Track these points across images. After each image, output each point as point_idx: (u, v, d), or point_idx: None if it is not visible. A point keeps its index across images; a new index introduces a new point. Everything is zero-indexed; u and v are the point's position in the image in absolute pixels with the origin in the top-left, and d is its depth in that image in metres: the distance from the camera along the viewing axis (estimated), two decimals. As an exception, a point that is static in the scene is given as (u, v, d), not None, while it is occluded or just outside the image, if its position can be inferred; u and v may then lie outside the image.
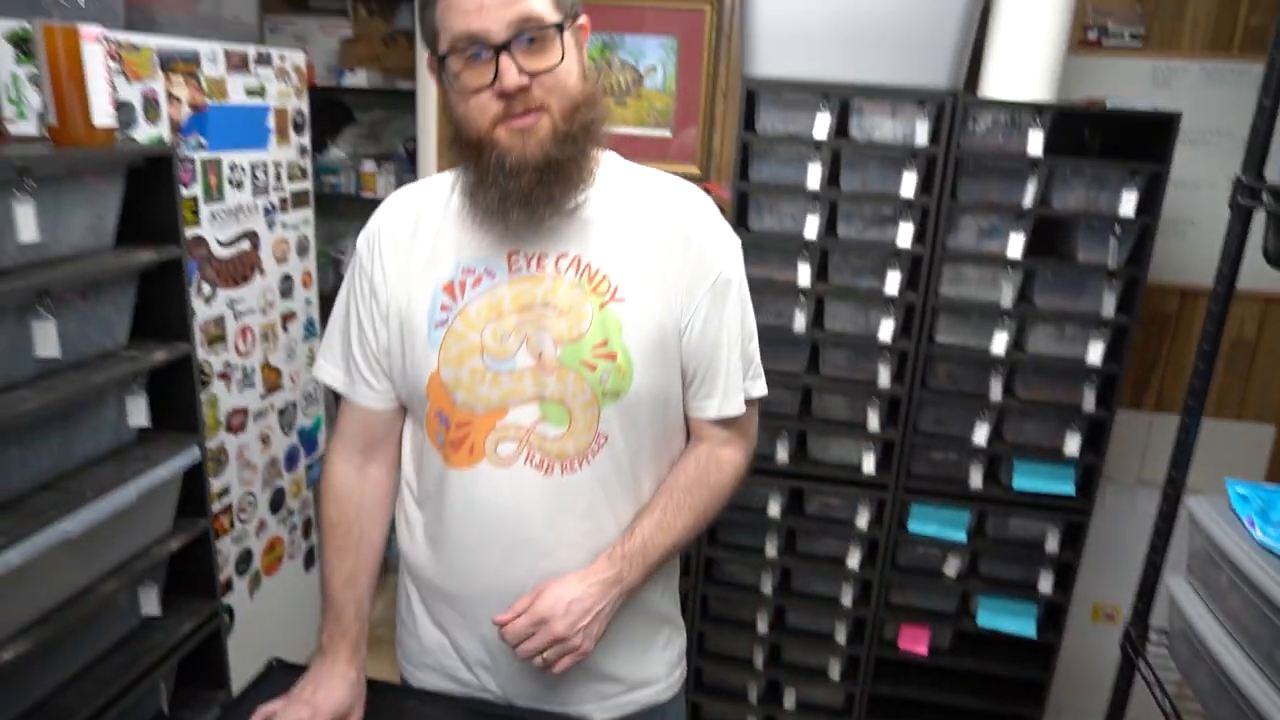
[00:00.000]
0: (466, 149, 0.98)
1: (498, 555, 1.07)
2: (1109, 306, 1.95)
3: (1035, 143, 1.90)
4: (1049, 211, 1.96)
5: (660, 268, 1.03)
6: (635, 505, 1.09)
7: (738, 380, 1.11)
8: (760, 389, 1.16)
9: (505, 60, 0.91)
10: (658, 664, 1.19)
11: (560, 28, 0.94)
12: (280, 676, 1.19)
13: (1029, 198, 1.93)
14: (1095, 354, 1.96)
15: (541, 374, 1.02)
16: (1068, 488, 2.05)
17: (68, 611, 1.43)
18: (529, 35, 0.92)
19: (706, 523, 1.14)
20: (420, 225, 1.08)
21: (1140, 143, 1.95)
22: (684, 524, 1.09)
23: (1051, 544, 2.08)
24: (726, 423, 1.13)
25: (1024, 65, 1.94)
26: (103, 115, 1.41)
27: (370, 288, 1.09)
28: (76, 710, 1.47)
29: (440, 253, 1.06)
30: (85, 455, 1.51)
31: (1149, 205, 1.89)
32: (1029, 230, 1.95)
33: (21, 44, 1.62)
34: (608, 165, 1.07)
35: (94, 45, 1.38)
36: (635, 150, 2.67)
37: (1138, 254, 1.94)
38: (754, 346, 1.15)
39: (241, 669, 1.94)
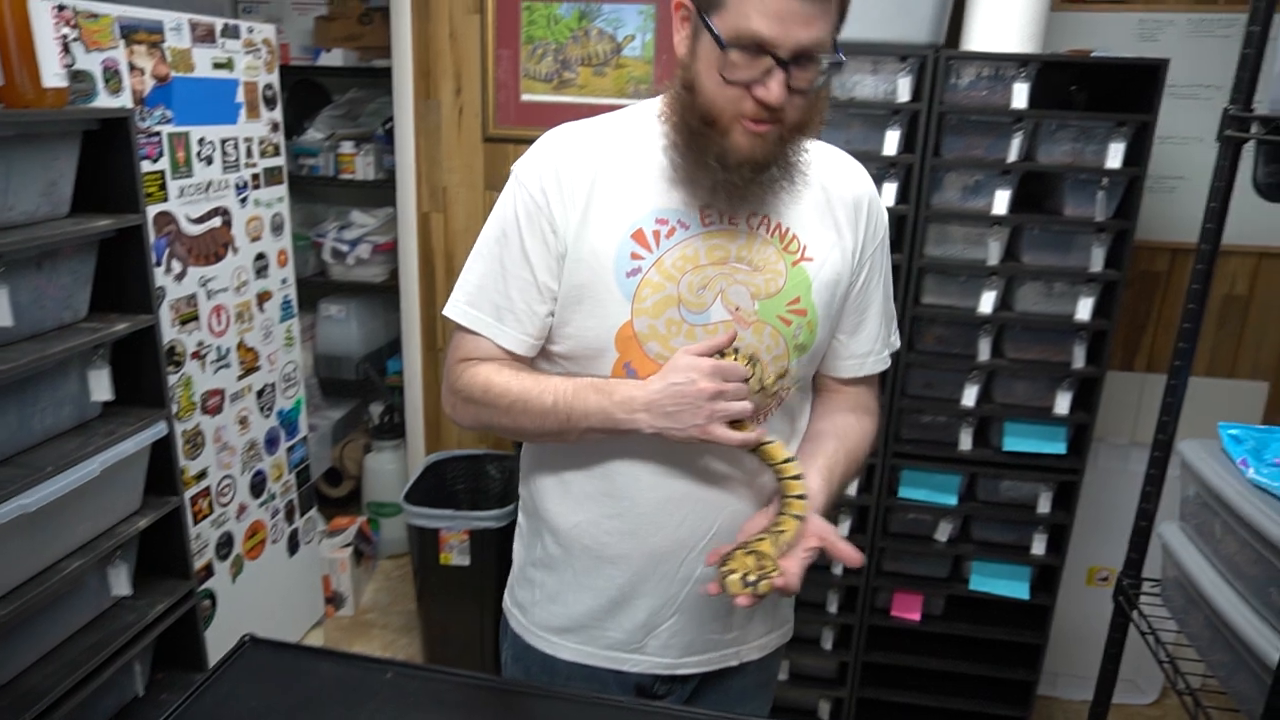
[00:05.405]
0: (694, 116, 0.97)
1: (678, 511, 1.07)
2: (1098, 261, 1.91)
3: (1020, 96, 1.86)
4: (1035, 166, 1.92)
5: (838, 230, 1.08)
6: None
7: (885, 336, 1.17)
8: (898, 340, 1.21)
9: (779, 77, 0.90)
10: (789, 605, 1.25)
11: (833, 60, 0.94)
12: (254, 652, 1.15)
13: (1014, 152, 1.89)
14: (1085, 310, 1.93)
15: (738, 328, 1.02)
16: (1059, 447, 2.01)
17: (31, 590, 1.39)
18: (808, 58, 0.91)
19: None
20: (600, 170, 1.03)
21: (1127, 95, 1.91)
22: (844, 488, 1.13)
23: (1044, 505, 2.05)
24: (866, 383, 1.18)
25: (1007, 18, 1.89)
26: (52, 76, 1.36)
27: (551, 226, 1.02)
28: (47, 691, 1.43)
29: (626, 200, 1.02)
30: (46, 430, 1.46)
31: (1137, 157, 1.85)
32: (1015, 186, 1.91)
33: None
34: None
35: (41, 2, 1.33)
36: (615, 121, 2.62)
37: (1126, 207, 1.90)
38: (892, 304, 1.20)
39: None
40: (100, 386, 1.51)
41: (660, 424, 0.97)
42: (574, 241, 1.02)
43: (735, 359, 0.99)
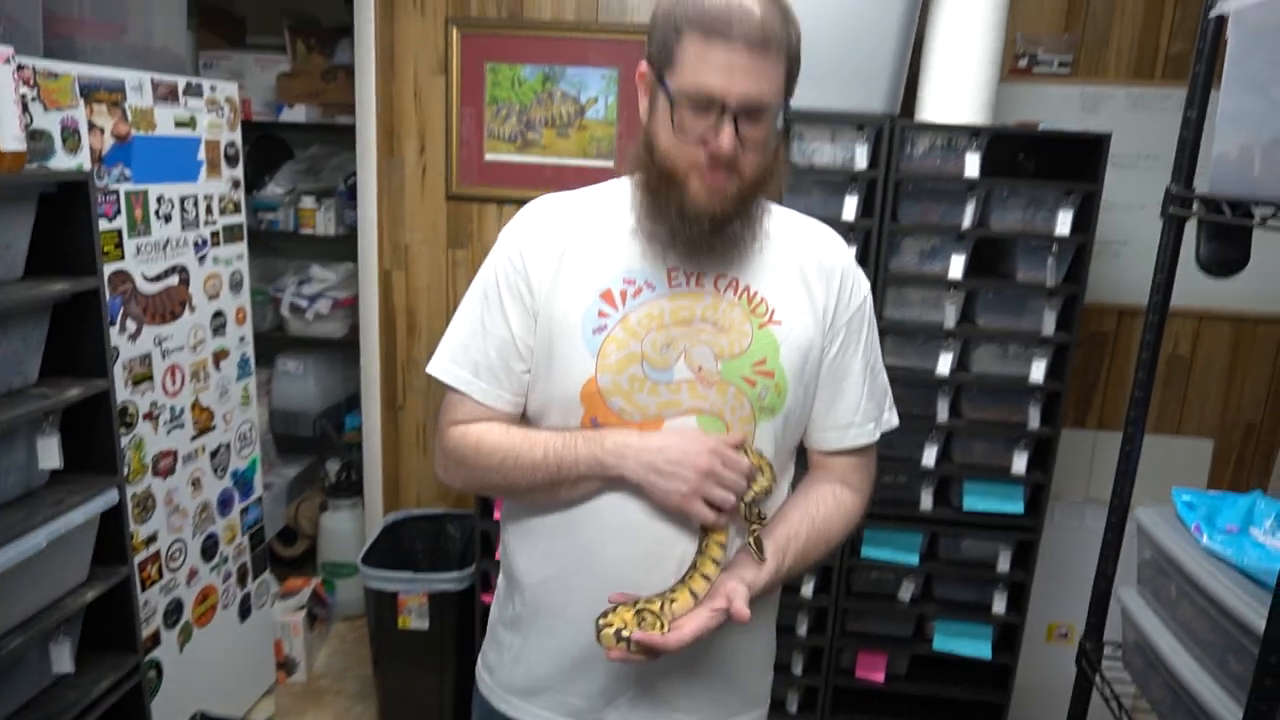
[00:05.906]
0: (653, 172, 1.01)
1: (642, 569, 1.04)
2: (1049, 324, 1.97)
3: (972, 164, 1.93)
4: (987, 232, 1.98)
5: (810, 296, 1.08)
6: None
7: (871, 409, 1.14)
8: (895, 419, 1.19)
9: (728, 126, 0.95)
10: (764, 686, 1.21)
11: (781, 110, 0.98)
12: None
13: (968, 219, 1.95)
14: (1038, 372, 1.98)
15: (701, 387, 1.03)
16: (1017, 506, 2.05)
17: (-32, 670, 1.33)
18: (756, 111, 0.96)
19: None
20: (573, 236, 1.08)
21: (1072, 165, 1.99)
22: (808, 563, 1.09)
23: (1003, 564, 2.08)
24: (852, 456, 1.14)
25: (958, 91, 1.97)
26: (11, 139, 1.34)
27: (528, 287, 1.07)
28: (-21, 779, 1.36)
29: (596, 263, 1.06)
30: (-10, 500, 1.41)
31: (1084, 224, 1.93)
32: (969, 251, 1.97)
33: (-73, 69, 1.55)
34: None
35: (3, 65, 1.31)
36: (581, 181, 2.65)
37: (1075, 272, 1.97)
38: (884, 379, 1.17)
39: (168, 728, 1.83)
40: (49, 455, 1.47)
41: (645, 477, 1.00)
42: (545, 302, 1.06)
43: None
